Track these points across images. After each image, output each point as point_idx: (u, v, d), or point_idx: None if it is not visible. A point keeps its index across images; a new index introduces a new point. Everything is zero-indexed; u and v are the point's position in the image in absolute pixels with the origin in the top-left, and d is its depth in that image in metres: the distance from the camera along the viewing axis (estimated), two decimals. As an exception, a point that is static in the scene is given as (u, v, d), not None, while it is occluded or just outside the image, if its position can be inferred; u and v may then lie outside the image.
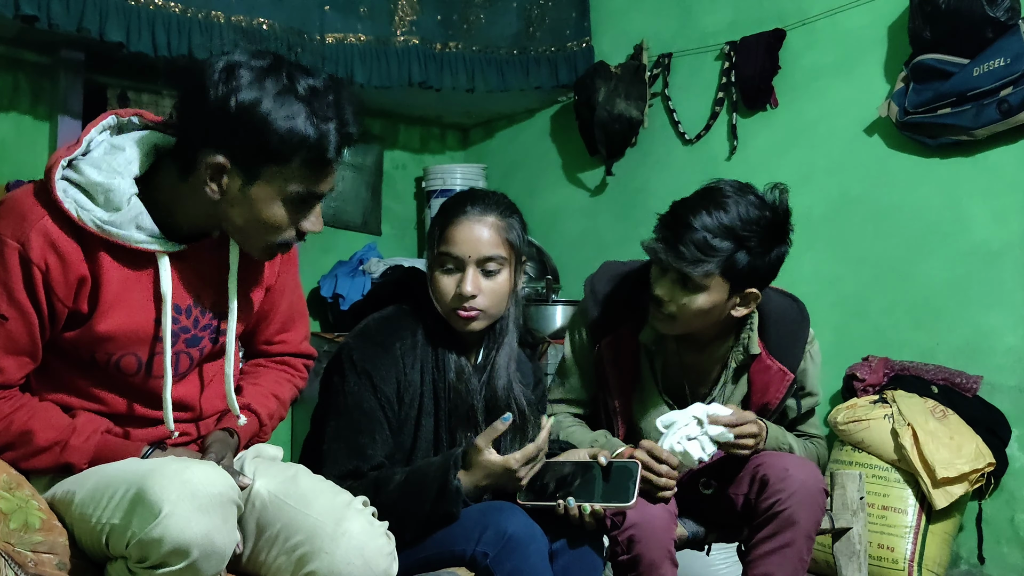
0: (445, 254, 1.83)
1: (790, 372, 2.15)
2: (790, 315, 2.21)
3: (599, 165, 4.30)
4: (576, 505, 1.74)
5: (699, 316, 2.03)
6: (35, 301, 1.47)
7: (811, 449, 2.24)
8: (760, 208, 2.00)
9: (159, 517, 1.32)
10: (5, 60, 3.67)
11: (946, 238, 3.23)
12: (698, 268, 1.95)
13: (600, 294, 2.22)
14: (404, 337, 1.84)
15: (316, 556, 1.49)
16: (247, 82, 1.44)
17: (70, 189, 1.48)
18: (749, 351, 2.15)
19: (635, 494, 1.75)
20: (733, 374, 2.17)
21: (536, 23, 4.24)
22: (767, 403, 2.16)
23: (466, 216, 1.83)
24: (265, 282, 1.72)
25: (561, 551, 1.77)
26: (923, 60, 3.13)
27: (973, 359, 3.13)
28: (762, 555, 2.01)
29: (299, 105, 1.45)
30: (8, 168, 3.56)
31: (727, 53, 3.81)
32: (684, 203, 2.03)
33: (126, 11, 3.27)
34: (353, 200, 4.63)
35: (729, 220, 1.95)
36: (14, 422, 1.51)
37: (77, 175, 1.49)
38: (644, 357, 2.19)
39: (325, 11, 3.75)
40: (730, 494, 2.11)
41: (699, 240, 1.94)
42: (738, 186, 2.03)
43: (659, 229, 2.02)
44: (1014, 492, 3.04)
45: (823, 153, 3.56)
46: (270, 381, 1.80)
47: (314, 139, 1.46)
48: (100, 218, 1.47)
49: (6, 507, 1.43)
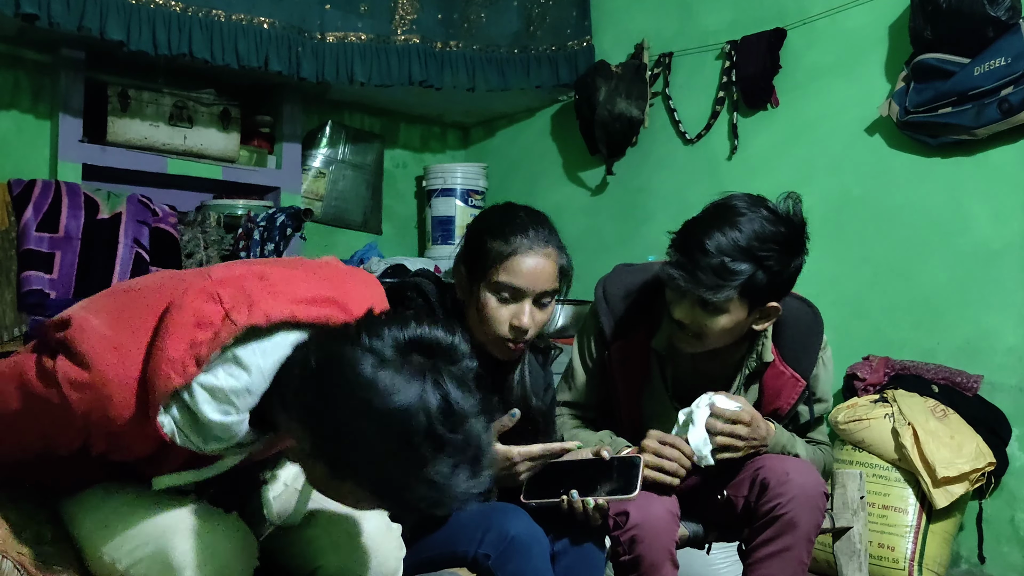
0: (506, 285, 1.79)
1: (802, 379, 2.13)
2: (804, 321, 2.17)
3: (600, 164, 4.30)
4: (580, 499, 1.74)
5: (723, 335, 2.00)
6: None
7: (819, 457, 2.22)
8: (775, 223, 1.93)
9: None
10: (6, 58, 3.67)
11: (947, 237, 3.23)
12: (718, 294, 1.90)
13: (612, 298, 2.18)
14: None
15: (330, 551, 1.49)
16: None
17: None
18: (762, 358, 2.13)
19: (638, 486, 1.75)
20: (746, 380, 2.15)
21: (537, 22, 4.23)
22: (778, 408, 2.15)
23: (531, 248, 1.80)
24: None
25: (563, 553, 1.77)
26: (924, 59, 3.13)
27: (974, 358, 3.13)
28: (762, 558, 2.01)
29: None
30: (9, 166, 3.56)
31: (728, 52, 3.81)
32: (697, 224, 1.96)
33: (126, 9, 3.28)
34: (353, 199, 4.63)
35: (745, 240, 1.89)
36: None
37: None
38: (655, 363, 2.16)
39: (326, 9, 3.75)
40: (730, 496, 2.11)
41: (716, 265, 1.88)
42: (750, 201, 1.96)
43: (673, 253, 1.95)
44: (1014, 491, 3.04)
45: (824, 152, 3.56)
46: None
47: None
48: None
49: (18, 519, 1.42)
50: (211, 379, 1.27)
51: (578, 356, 2.24)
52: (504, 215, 1.89)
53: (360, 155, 4.64)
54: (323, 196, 4.54)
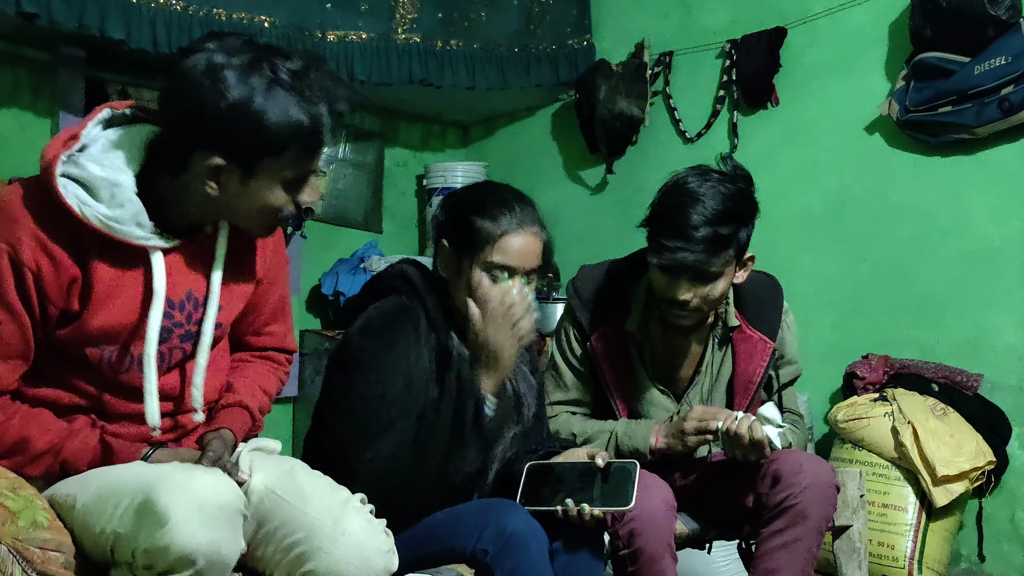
0: (499, 265, 1.82)
1: (770, 340, 2.22)
2: (764, 286, 2.29)
3: (600, 163, 4.30)
4: (575, 508, 1.74)
5: (720, 300, 2.12)
6: (27, 303, 1.47)
7: (799, 437, 2.27)
8: (732, 182, 2.06)
9: (166, 527, 1.32)
10: (6, 56, 3.67)
11: (947, 236, 3.23)
12: (718, 261, 2.02)
13: (584, 293, 2.27)
14: (407, 330, 1.83)
15: (315, 555, 1.49)
16: (233, 82, 1.44)
17: (70, 184, 1.47)
18: (727, 324, 2.22)
19: (634, 497, 1.74)
20: (717, 346, 2.24)
21: (537, 21, 4.23)
22: (751, 376, 2.21)
23: (520, 227, 1.84)
24: (257, 275, 1.73)
25: (561, 549, 1.77)
26: (924, 58, 3.13)
27: (973, 357, 3.13)
28: (772, 549, 2.02)
29: (288, 95, 1.46)
30: (9, 164, 3.55)
31: (728, 51, 3.81)
32: (668, 211, 2.04)
33: (127, 8, 3.28)
34: (354, 198, 4.63)
35: (720, 205, 2.01)
36: (10, 429, 1.51)
37: (78, 170, 1.48)
38: (632, 347, 2.23)
39: (326, 8, 3.75)
40: (740, 488, 2.11)
41: (709, 236, 1.99)
42: (697, 173, 2.08)
43: (661, 243, 2.02)
44: (1014, 490, 3.04)
45: (824, 151, 3.56)
46: (256, 375, 1.80)
47: (309, 126, 1.48)
48: (103, 214, 1.47)
49: (13, 506, 1.43)
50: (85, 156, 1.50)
51: (560, 355, 2.28)
52: (491, 193, 1.91)
53: (360, 154, 4.64)
54: (323, 195, 4.54)
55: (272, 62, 1.47)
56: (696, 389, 2.25)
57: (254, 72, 1.45)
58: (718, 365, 2.24)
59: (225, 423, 1.67)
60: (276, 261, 1.77)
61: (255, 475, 1.58)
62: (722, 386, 2.25)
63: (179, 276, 1.58)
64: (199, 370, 1.62)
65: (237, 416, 1.70)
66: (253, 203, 1.53)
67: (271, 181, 1.51)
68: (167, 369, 1.62)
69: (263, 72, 1.45)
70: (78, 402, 1.57)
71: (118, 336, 1.54)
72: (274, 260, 1.76)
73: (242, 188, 1.50)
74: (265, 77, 1.45)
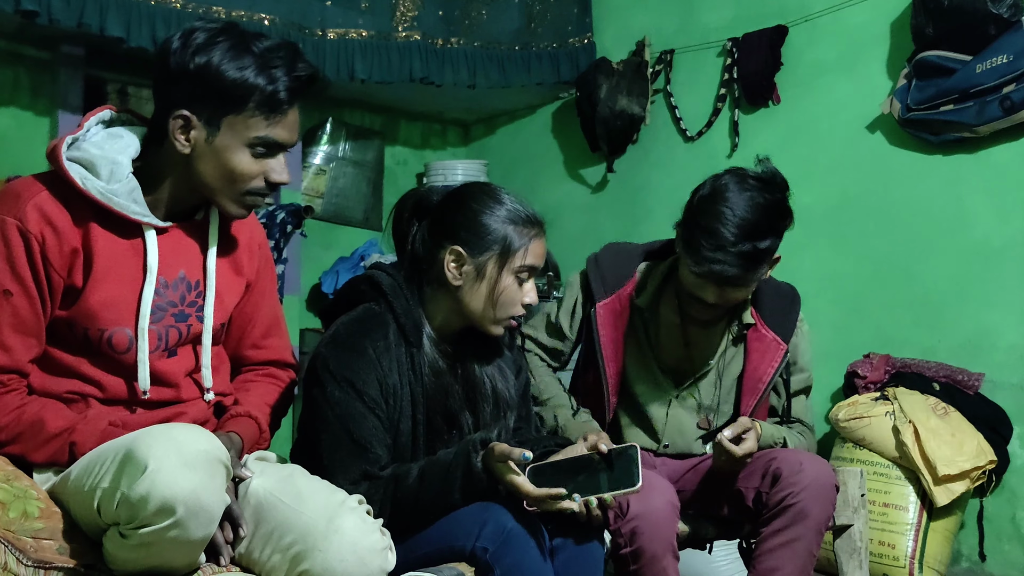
0: (531, 268, 1.84)
1: (784, 342, 2.23)
2: (783, 291, 2.31)
3: (600, 162, 4.30)
4: (583, 500, 1.73)
5: (745, 300, 2.19)
6: (35, 273, 1.55)
7: (803, 443, 2.26)
8: (770, 191, 2.06)
9: (145, 473, 1.32)
10: (5, 55, 3.67)
11: (948, 235, 3.23)
12: (757, 273, 2.06)
13: (603, 264, 2.30)
14: (377, 338, 1.79)
15: (310, 554, 1.49)
16: (202, 42, 1.55)
17: (73, 166, 1.58)
18: (743, 321, 2.23)
19: (640, 477, 1.74)
20: (732, 342, 2.25)
21: (538, 19, 4.23)
22: (761, 376, 2.21)
23: (541, 229, 1.86)
24: (246, 274, 1.78)
25: (562, 547, 1.76)
26: (926, 57, 3.13)
27: (975, 356, 3.13)
28: (772, 548, 2.02)
29: (250, 57, 1.56)
30: (8, 162, 3.56)
31: (729, 50, 3.80)
32: (706, 220, 2.03)
33: (126, 7, 3.28)
34: (354, 196, 4.63)
35: (758, 218, 2.01)
36: (25, 412, 1.55)
37: (80, 153, 1.59)
38: (638, 322, 2.26)
39: (326, 6, 3.75)
40: (740, 488, 2.11)
41: (748, 251, 2.00)
42: (737, 179, 2.06)
43: (700, 252, 2.02)
44: (1015, 489, 3.04)
45: (825, 150, 3.56)
46: (262, 392, 1.84)
47: (264, 83, 1.56)
48: (103, 187, 1.57)
49: (5, 497, 1.45)
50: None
51: (558, 310, 2.34)
52: (502, 197, 1.87)
53: (360, 152, 4.64)
54: (323, 193, 4.54)
55: (244, 34, 1.59)
56: (705, 382, 2.26)
57: (223, 35, 1.57)
58: (729, 361, 2.26)
59: (233, 429, 1.70)
60: (265, 268, 1.84)
61: (255, 479, 1.60)
62: (731, 383, 2.26)
63: (172, 256, 1.66)
64: (205, 350, 1.70)
65: (246, 425, 1.73)
66: (221, 167, 1.60)
67: (236, 142, 1.59)
68: (167, 352, 1.66)
69: (231, 35, 1.57)
70: (86, 389, 1.61)
71: (117, 312, 1.60)
72: (263, 266, 1.83)
73: (208, 147, 1.59)
74: (232, 40, 1.57)
